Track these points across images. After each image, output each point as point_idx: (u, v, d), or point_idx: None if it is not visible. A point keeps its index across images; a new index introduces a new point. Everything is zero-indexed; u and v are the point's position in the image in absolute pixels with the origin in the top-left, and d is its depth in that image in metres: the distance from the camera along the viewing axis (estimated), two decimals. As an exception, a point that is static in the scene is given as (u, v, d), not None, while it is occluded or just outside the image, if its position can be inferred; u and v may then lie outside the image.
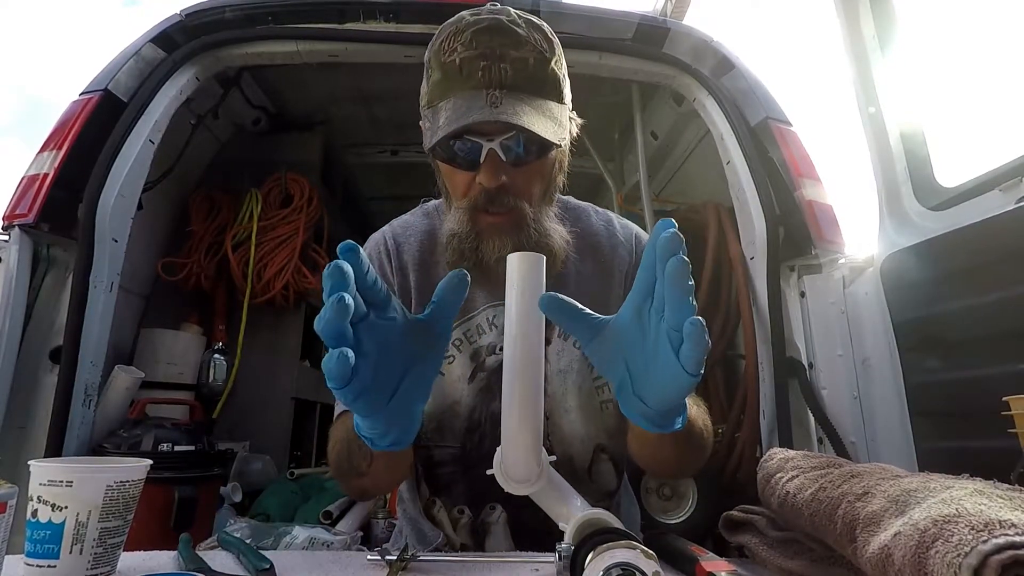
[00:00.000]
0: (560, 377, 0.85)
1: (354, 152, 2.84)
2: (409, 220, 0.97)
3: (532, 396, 0.63)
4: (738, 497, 0.86)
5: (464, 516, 0.82)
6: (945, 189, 1.23)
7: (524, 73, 0.73)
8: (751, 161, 1.53)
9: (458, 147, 0.75)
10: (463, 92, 0.73)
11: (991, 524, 0.40)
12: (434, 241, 0.90)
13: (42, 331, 1.32)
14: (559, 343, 0.86)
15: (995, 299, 1.02)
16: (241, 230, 2.31)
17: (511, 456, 0.63)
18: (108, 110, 1.46)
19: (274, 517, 1.78)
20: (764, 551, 0.67)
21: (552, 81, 0.77)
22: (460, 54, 0.73)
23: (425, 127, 0.78)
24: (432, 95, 0.78)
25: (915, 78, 1.30)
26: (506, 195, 0.76)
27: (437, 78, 0.76)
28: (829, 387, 1.36)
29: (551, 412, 0.84)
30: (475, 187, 0.77)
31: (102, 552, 0.57)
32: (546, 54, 0.75)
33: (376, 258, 0.90)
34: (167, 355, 1.97)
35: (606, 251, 0.92)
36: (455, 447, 0.83)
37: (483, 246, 0.78)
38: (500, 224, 0.78)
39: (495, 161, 0.74)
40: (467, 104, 0.72)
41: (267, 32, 1.64)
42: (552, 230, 0.81)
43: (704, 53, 1.69)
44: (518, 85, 0.73)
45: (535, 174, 0.79)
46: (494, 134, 0.73)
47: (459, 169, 0.78)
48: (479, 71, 0.72)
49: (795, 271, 1.48)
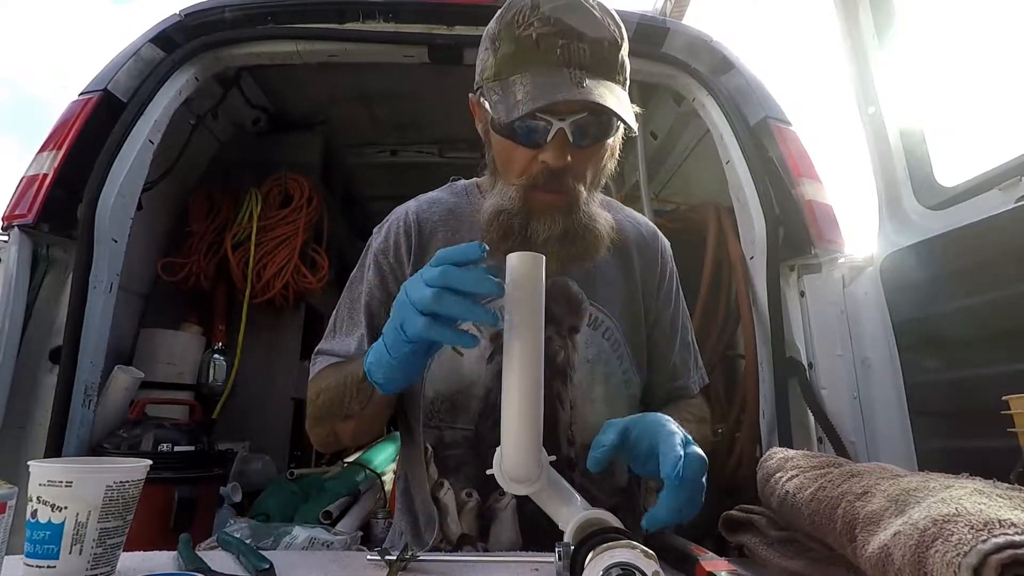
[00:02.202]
0: (588, 367, 0.85)
1: (354, 152, 2.84)
2: (436, 196, 0.96)
3: (531, 396, 0.63)
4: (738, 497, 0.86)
5: (471, 500, 0.82)
6: (945, 188, 1.23)
7: (600, 55, 0.73)
8: (751, 161, 1.53)
9: (525, 124, 0.74)
10: (541, 68, 0.72)
11: (991, 523, 0.40)
12: (460, 220, 0.91)
13: (42, 331, 1.32)
14: (587, 332, 0.86)
15: (995, 299, 1.02)
16: (241, 230, 2.31)
17: (511, 456, 0.63)
18: (108, 110, 1.46)
19: (274, 517, 1.78)
20: (764, 551, 0.67)
21: (621, 67, 0.77)
22: (537, 29, 0.72)
23: (493, 100, 0.76)
24: (501, 67, 0.76)
25: (915, 77, 1.30)
26: (567, 176, 0.76)
27: (509, 51, 0.74)
28: (829, 387, 1.36)
29: (576, 401, 0.84)
30: (536, 165, 0.76)
31: (102, 552, 0.57)
32: (618, 39, 0.76)
33: (394, 234, 0.90)
34: (167, 355, 1.97)
35: (631, 251, 0.94)
36: (468, 429, 0.83)
37: (534, 223, 0.78)
38: (555, 203, 0.77)
39: (563, 141, 0.73)
40: (551, 82, 0.71)
41: (267, 32, 1.64)
42: (600, 215, 0.81)
43: (703, 53, 1.69)
44: (595, 67, 0.73)
45: (594, 156, 0.79)
46: (566, 115, 0.72)
47: (521, 145, 0.77)
48: (557, 48, 0.71)
49: (795, 271, 1.48)
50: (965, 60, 1.28)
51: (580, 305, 0.87)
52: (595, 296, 0.88)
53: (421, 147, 2.76)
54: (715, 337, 1.80)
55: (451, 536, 0.82)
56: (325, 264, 2.42)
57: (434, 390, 0.84)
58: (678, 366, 0.96)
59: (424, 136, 2.69)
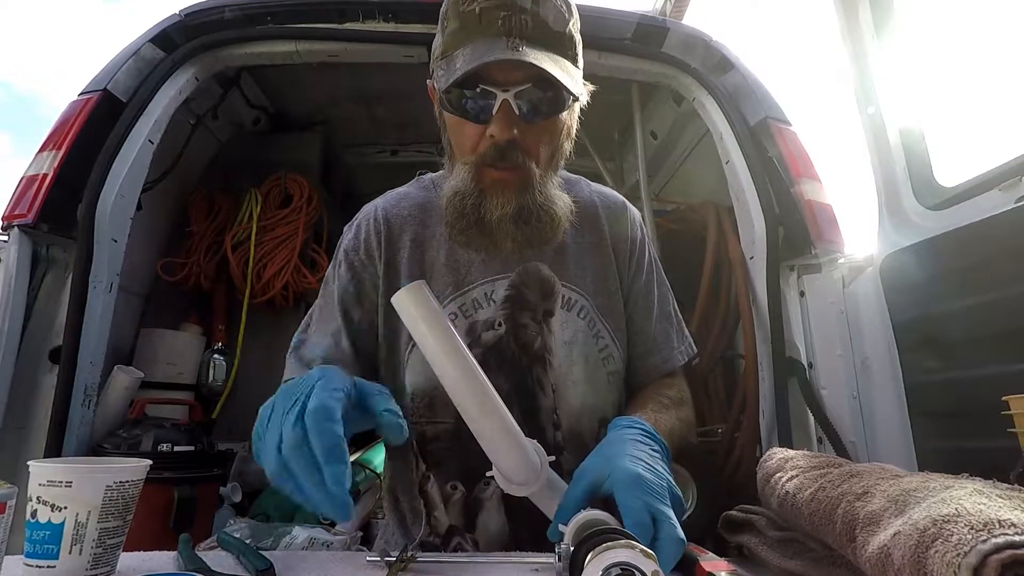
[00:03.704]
0: (566, 348, 0.84)
1: (354, 152, 2.84)
2: (404, 192, 0.96)
3: (489, 408, 0.64)
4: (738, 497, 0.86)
5: (457, 492, 0.82)
6: (944, 188, 1.23)
7: (543, 28, 0.74)
8: (750, 161, 1.53)
9: (470, 98, 0.74)
10: (482, 40, 0.72)
11: (990, 523, 0.40)
12: (428, 213, 0.90)
13: (42, 331, 1.32)
14: (562, 314, 0.86)
15: (995, 298, 1.02)
16: (241, 230, 2.31)
17: (503, 467, 0.64)
18: (107, 110, 1.46)
19: (274, 517, 1.78)
20: (764, 551, 0.67)
21: (569, 41, 0.77)
22: (480, 4, 0.73)
23: (438, 76, 0.77)
24: (447, 44, 0.76)
25: (914, 77, 1.30)
26: (515, 150, 0.75)
27: (454, 27, 0.75)
28: (829, 387, 1.36)
29: (557, 384, 0.84)
30: (484, 141, 0.76)
31: (101, 552, 0.57)
32: (564, 14, 0.76)
33: (364, 232, 0.89)
34: (167, 355, 1.97)
35: (601, 223, 0.93)
36: (449, 422, 0.82)
37: (486, 202, 0.77)
38: (506, 180, 0.77)
39: (508, 113, 0.73)
40: (486, 47, 0.71)
41: (266, 32, 1.64)
42: (557, 196, 0.81)
43: (703, 53, 1.69)
44: (537, 39, 0.73)
45: (545, 133, 0.78)
46: (509, 85, 0.72)
47: (469, 121, 0.76)
48: (499, 20, 0.72)
49: (795, 271, 1.48)
50: (965, 60, 1.28)
51: (552, 288, 0.86)
52: (566, 275, 0.87)
53: (421, 147, 2.77)
54: (715, 337, 1.80)
55: (439, 528, 0.82)
56: (325, 264, 2.42)
57: (412, 387, 0.83)
58: (658, 338, 0.93)
59: (423, 136, 2.69)
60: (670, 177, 2.38)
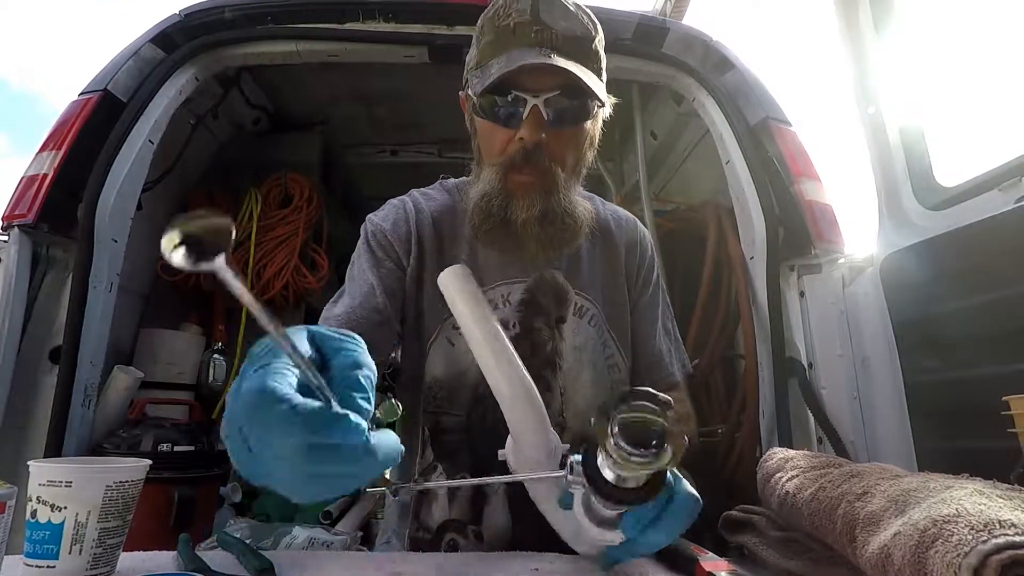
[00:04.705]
0: (575, 354, 0.87)
1: (354, 152, 2.84)
2: (428, 192, 0.99)
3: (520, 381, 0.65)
4: (738, 497, 0.86)
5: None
6: (944, 189, 1.23)
7: (572, 42, 0.79)
8: (751, 161, 1.53)
9: (501, 105, 0.79)
10: (516, 50, 0.78)
11: (991, 524, 0.40)
12: (453, 214, 0.93)
13: (42, 331, 1.32)
14: (574, 321, 0.89)
15: (995, 299, 1.02)
16: (241, 230, 2.30)
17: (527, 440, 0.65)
18: (107, 110, 1.46)
19: (274, 517, 1.78)
20: (764, 551, 0.67)
21: (595, 56, 0.83)
22: (515, 19, 0.78)
23: (473, 83, 0.82)
24: (483, 55, 0.82)
25: (914, 77, 1.30)
26: (542, 154, 0.79)
27: (489, 39, 0.81)
28: (829, 387, 1.36)
29: (566, 388, 0.86)
30: (513, 144, 0.80)
31: (101, 552, 0.57)
32: (591, 31, 0.82)
33: (392, 217, 0.91)
34: (167, 355, 1.96)
35: (614, 238, 0.97)
36: (461, 416, 0.84)
37: (512, 204, 0.80)
38: (532, 183, 0.80)
39: (537, 117, 0.78)
40: (520, 55, 0.76)
41: (266, 32, 1.64)
42: (579, 202, 0.85)
43: (703, 53, 1.69)
44: (566, 50, 0.78)
45: (571, 140, 0.82)
46: (539, 92, 0.77)
47: (499, 126, 0.81)
48: (532, 32, 0.78)
49: (795, 271, 1.48)
50: (965, 59, 1.28)
51: (566, 296, 0.89)
52: (579, 283, 0.91)
53: (421, 147, 2.77)
54: (715, 337, 1.80)
55: (431, 524, 0.83)
56: (325, 264, 2.42)
57: (432, 376, 0.86)
58: (661, 353, 0.97)
59: (424, 136, 2.69)
60: (670, 177, 2.38)
